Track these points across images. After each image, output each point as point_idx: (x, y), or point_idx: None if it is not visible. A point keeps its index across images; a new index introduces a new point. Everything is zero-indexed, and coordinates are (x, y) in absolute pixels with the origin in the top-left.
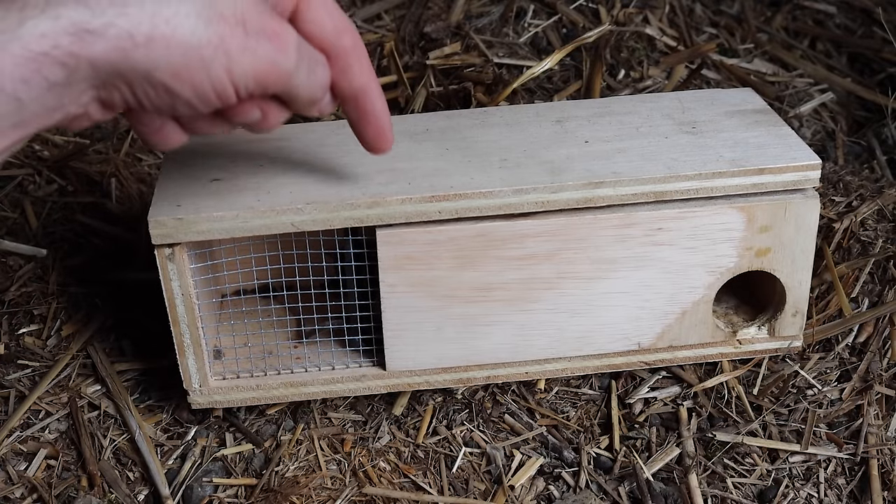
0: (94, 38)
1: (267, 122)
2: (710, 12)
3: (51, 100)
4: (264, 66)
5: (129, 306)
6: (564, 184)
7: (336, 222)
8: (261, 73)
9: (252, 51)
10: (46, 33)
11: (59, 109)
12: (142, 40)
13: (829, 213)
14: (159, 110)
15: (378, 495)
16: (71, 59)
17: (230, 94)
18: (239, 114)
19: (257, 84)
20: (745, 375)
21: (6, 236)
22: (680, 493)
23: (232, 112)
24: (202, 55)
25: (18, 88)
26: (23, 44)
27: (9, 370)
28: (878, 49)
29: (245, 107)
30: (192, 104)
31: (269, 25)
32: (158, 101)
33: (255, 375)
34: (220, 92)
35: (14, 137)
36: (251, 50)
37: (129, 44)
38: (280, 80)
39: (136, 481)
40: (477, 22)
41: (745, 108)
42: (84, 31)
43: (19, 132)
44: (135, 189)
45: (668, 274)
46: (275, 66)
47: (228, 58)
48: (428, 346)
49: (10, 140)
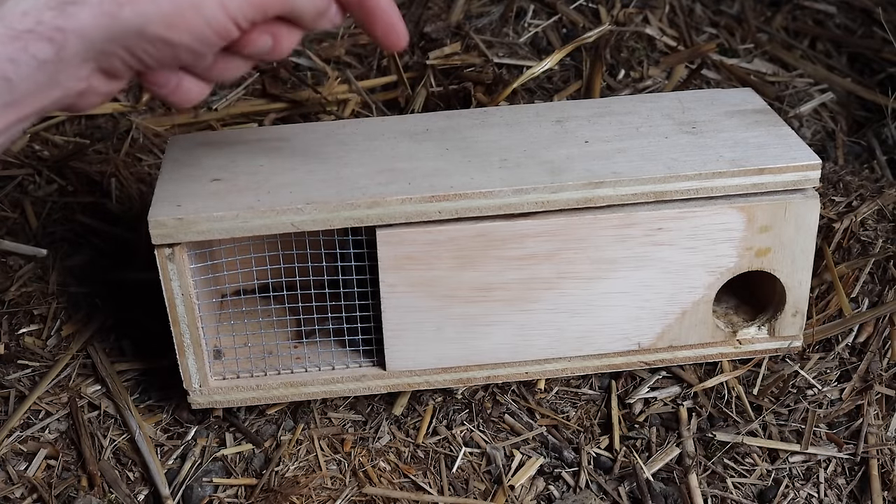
0: (76, 7)
1: (280, 46)
2: (710, 12)
3: (42, 77)
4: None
5: (129, 306)
6: (564, 184)
7: (336, 222)
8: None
9: None
10: (28, 10)
11: (56, 86)
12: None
13: (829, 213)
14: (164, 65)
15: (378, 495)
16: (57, 33)
17: (231, 29)
18: (248, 45)
19: (255, 10)
20: (745, 375)
21: (6, 236)
22: (680, 493)
23: (241, 45)
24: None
25: (6, 68)
26: (5, 23)
27: (9, 370)
28: (878, 49)
29: (252, 36)
30: (195, 49)
31: None
32: (160, 55)
33: (255, 375)
34: (220, 29)
35: (9, 118)
36: None
37: (114, 6)
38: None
39: (136, 481)
40: (477, 22)
41: (745, 108)
42: (65, 2)
43: (13, 113)
44: (135, 189)
45: (668, 274)
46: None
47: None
48: (428, 346)
49: (6, 121)
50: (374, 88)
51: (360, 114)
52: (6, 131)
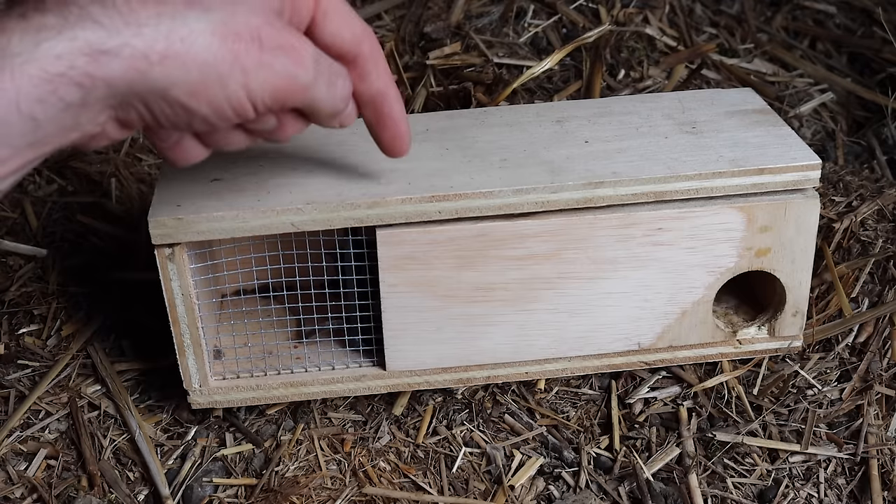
0: (109, 58)
1: (284, 131)
2: (710, 12)
3: (67, 119)
4: (281, 80)
5: (129, 306)
6: (564, 184)
7: (336, 222)
8: (278, 88)
9: (269, 66)
10: (62, 55)
11: (76, 129)
12: (157, 59)
13: (829, 213)
14: (176, 127)
15: (378, 495)
16: (87, 79)
17: (248, 110)
18: (255, 124)
19: (275, 99)
20: (745, 375)
21: (6, 236)
22: (680, 493)
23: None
24: (219, 72)
25: (34, 108)
26: (39, 65)
27: (9, 370)
28: (878, 49)
29: (262, 117)
30: (210, 120)
31: (285, 40)
32: (175, 118)
33: (255, 375)
34: (238, 108)
35: (29, 156)
36: (268, 65)
37: (145, 63)
38: (298, 94)
39: (136, 481)
40: (477, 22)
41: (745, 108)
42: (99, 51)
43: (35, 151)
44: (135, 189)
45: (667, 274)
46: (292, 80)
47: (245, 74)
48: (428, 346)
49: (26, 159)
50: None
51: None
52: (23, 169)
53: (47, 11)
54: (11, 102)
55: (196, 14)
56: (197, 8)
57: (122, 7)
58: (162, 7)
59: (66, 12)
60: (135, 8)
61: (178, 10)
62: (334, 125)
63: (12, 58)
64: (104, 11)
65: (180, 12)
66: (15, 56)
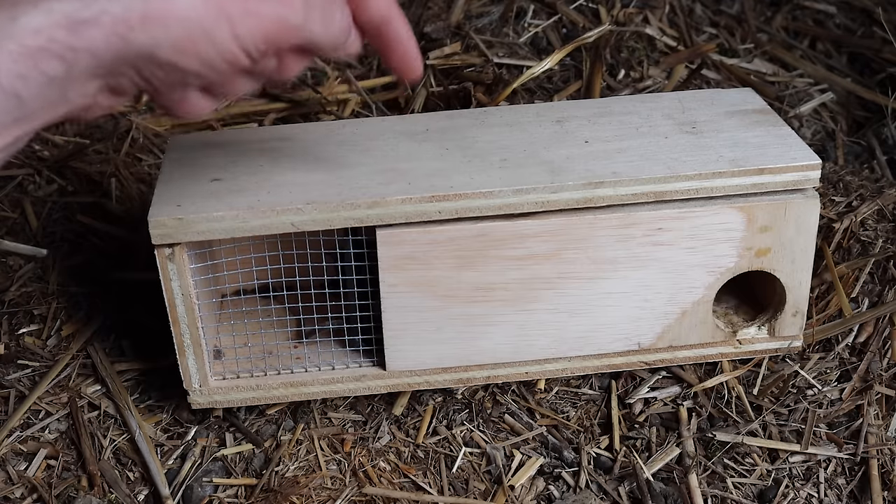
0: (88, 27)
1: (286, 68)
2: (710, 12)
3: (52, 94)
4: (271, 24)
5: (129, 306)
6: (564, 184)
7: (336, 222)
8: (269, 33)
9: (254, 12)
10: (40, 28)
11: (64, 102)
12: (137, 22)
13: (829, 213)
14: (171, 86)
15: (378, 495)
16: (68, 52)
17: (241, 59)
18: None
19: (268, 43)
20: (745, 375)
21: (6, 236)
22: (680, 493)
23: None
24: (203, 26)
25: (17, 85)
26: (18, 40)
27: (9, 370)
28: (878, 49)
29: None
30: (203, 74)
31: None
32: (167, 78)
33: (255, 375)
34: (230, 59)
35: (17, 133)
36: (253, 12)
37: (125, 28)
38: (291, 35)
39: (136, 481)
40: (477, 22)
41: (745, 108)
42: (77, 21)
43: (22, 127)
44: (135, 189)
45: (667, 274)
46: (282, 22)
47: (231, 23)
48: (428, 346)
49: (13, 135)
50: (374, 88)
51: (360, 114)
52: (13, 145)
53: None
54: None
55: None
56: None
57: None
58: None
59: None
60: None
61: None
62: (339, 56)
63: None
64: None
65: None
66: None
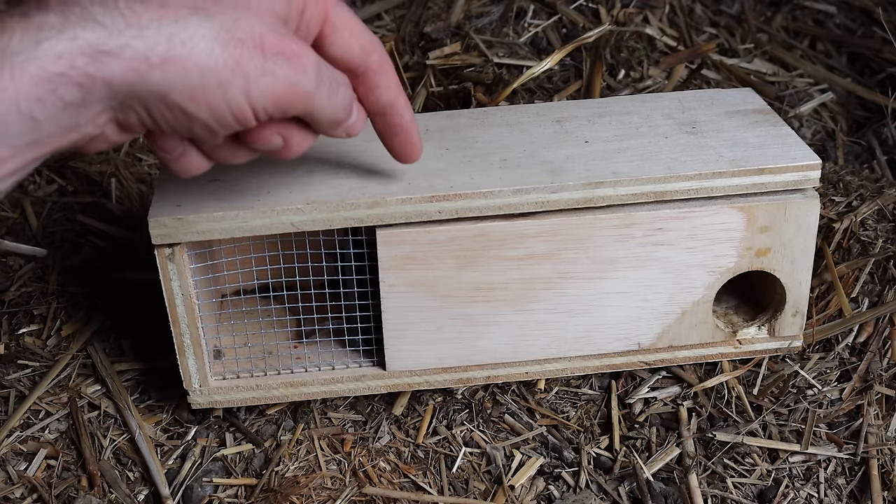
0: (109, 58)
1: (290, 148)
2: (710, 12)
3: (66, 119)
4: (283, 87)
5: (129, 306)
6: (564, 184)
7: (336, 222)
8: (280, 95)
9: (270, 73)
10: (63, 54)
11: (75, 129)
12: (157, 62)
13: (829, 213)
14: (176, 132)
15: (378, 495)
16: (87, 79)
17: (248, 117)
18: (259, 139)
19: (276, 106)
20: (745, 375)
21: (6, 236)
22: (680, 493)
23: (252, 138)
24: (219, 77)
25: (34, 108)
26: (40, 64)
27: (9, 370)
28: (878, 49)
29: (265, 132)
30: (210, 126)
31: (287, 47)
32: (175, 122)
33: (255, 375)
34: (238, 114)
35: (29, 157)
36: (269, 72)
37: (145, 65)
38: (300, 102)
39: (136, 481)
40: (477, 22)
41: (745, 108)
42: (100, 52)
43: (34, 151)
44: (135, 189)
45: (667, 274)
46: (294, 87)
47: (246, 80)
48: (428, 346)
49: (25, 159)
50: None
51: None
52: (23, 169)
53: (49, 11)
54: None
55: (198, 19)
56: (200, 13)
57: (124, 9)
58: (164, 10)
59: (67, 12)
60: (137, 10)
61: (180, 15)
62: (339, 134)
63: (12, 56)
64: (106, 12)
65: (183, 17)
66: (15, 55)
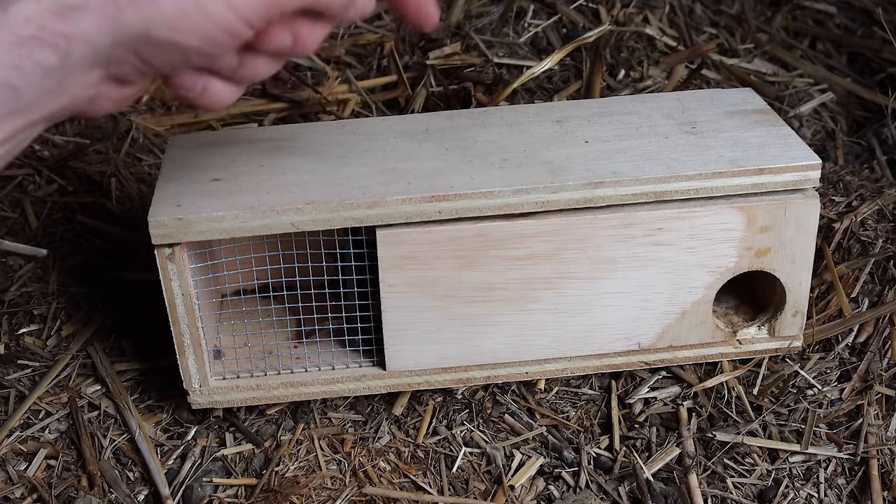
0: (78, 13)
1: (302, 41)
2: (710, 12)
3: (49, 84)
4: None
5: (129, 306)
6: (564, 184)
7: (336, 222)
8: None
9: None
10: (30, 17)
11: (63, 93)
12: (127, 2)
13: (829, 213)
14: (176, 67)
15: (378, 495)
16: (61, 40)
17: (241, 28)
18: (266, 42)
19: (268, 9)
20: (745, 375)
21: (6, 236)
22: (680, 493)
23: (260, 44)
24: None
25: (10, 75)
26: (8, 30)
27: (9, 370)
28: (878, 49)
29: (270, 35)
30: (205, 51)
31: None
32: (169, 58)
33: (255, 375)
34: (231, 30)
35: (14, 125)
36: None
37: (115, 10)
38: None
39: (136, 481)
40: (477, 22)
41: (745, 108)
42: (67, 8)
43: (20, 120)
44: (135, 189)
45: (667, 274)
46: None
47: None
48: (428, 346)
49: (12, 128)
50: (374, 88)
51: (360, 114)
52: (14, 137)
53: None
54: None
55: None
56: None
57: None
58: None
59: None
60: None
61: None
62: (352, 16)
63: None
64: None
65: None
66: None
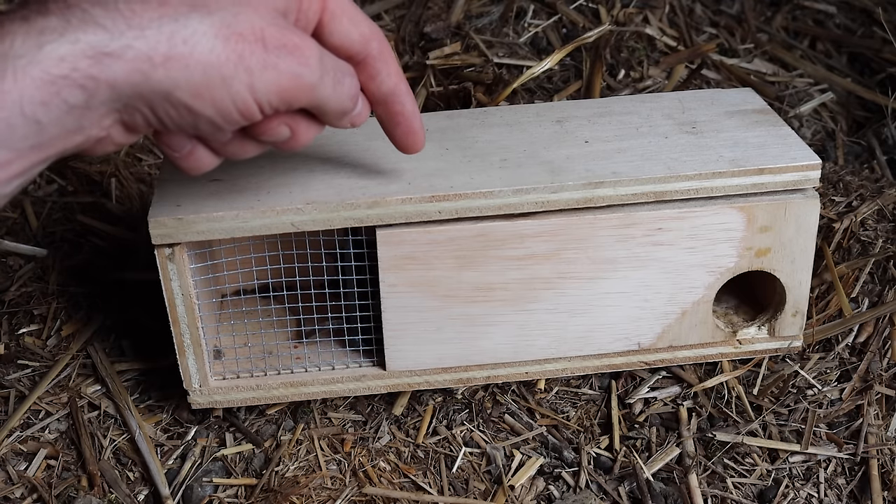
0: (112, 60)
1: (297, 139)
2: (710, 12)
3: (70, 122)
4: (287, 80)
5: (129, 306)
6: (564, 184)
7: (336, 222)
8: (284, 88)
9: (273, 66)
10: (65, 57)
11: (80, 132)
12: (160, 61)
13: (829, 213)
14: (182, 130)
15: (378, 495)
16: (90, 81)
17: (254, 111)
18: (266, 132)
19: (281, 99)
20: (745, 375)
21: (6, 236)
22: (680, 493)
23: (259, 130)
24: (222, 73)
25: (38, 111)
26: (42, 67)
27: (9, 370)
28: (878, 49)
29: (272, 124)
30: (215, 122)
31: (289, 40)
32: (180, 120)
33: (255, 375)
34: (243, 109)
35: (33, 159)
36: (272, 65)
37: (148, 65)
38: (304, 94)
39: (136, 481)
40: (477, 22)
41: (745, 108)
42: (102, 53)
43: (39, 154)
44: (135, 189)
45: (667, 274)
46: (298, 79)
47: (249, 74)
48: (428, 346)
49: (30, 162)
50: None
51: None
52: (28, 172)
53: (49, 14)
54: (15, 104)
55: (199, 16)
56: (200, 10)
57: (124, 10)
58: (164, 9)
59: (68, 15)
60: (137, 11)
61: (180, 13)
62: (345, 125)
63: (15, 59)
64: (106, 14)
65: (183, 14)
66: (18, 58)
